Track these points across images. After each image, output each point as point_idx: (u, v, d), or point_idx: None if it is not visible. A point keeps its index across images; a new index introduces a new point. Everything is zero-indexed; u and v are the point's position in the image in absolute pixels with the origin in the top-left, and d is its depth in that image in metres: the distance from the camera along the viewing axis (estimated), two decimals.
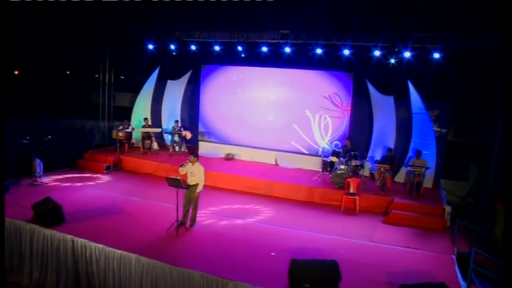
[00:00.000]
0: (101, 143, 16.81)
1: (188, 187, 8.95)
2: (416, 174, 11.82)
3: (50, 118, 17.42)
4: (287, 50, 13.90)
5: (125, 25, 15.22)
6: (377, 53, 12.86)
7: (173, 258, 7.62)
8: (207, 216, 10.07)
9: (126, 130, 15.21)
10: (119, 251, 7.75)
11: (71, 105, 19.41)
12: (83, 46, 16.87)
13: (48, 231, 8.49)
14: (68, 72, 21.97)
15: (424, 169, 11.88)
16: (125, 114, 16.71)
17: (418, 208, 10.84)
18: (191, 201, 9.13)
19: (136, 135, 15.86)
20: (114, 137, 14.85)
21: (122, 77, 18.05)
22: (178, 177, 8.66)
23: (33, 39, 16.26)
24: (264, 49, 14.22)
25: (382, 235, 9.55)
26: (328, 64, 13.91)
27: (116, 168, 14.21)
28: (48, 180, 12.25)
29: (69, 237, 8.25)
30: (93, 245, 8.00)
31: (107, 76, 17.06)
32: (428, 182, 12.53)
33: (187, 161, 9.11)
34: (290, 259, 7.09)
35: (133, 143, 15.90)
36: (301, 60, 14.45)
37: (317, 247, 8.65)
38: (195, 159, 9.16)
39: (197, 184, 9.06)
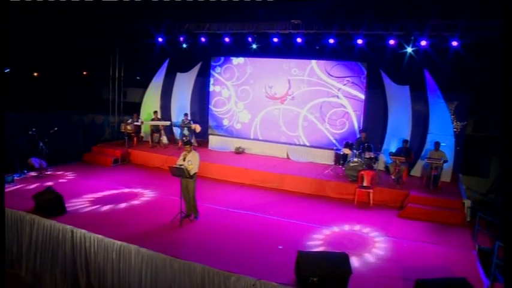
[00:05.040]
0: (111, 137, 16.64)
1: (191, 176, 8.63)
2: (434, 166, 11.24)
3: (61, 114, 17.31)
4: (298, 40, 13.43)
5: (133, 18, 14.99)
6: (392, 42, 12.33)
7: (175, 250, 7.30)
8: (213, 208, 9.75)
9: (135, 123, 14.97)
10: (119, 242, 7.46)
11: (85, 102, 19.30)
12: (94, 43, 16.70)
13: (48, 222, 8.26)
14: (84, 73, 21.71)
15: (442, 161, 11.32)
16: (135, 109, 16.50)
17: (436, 202, 10.28)
18: (189, 190, 8.81)
19: (145, 129, 15.63)
20: (123, 130, 14.63)
21: (137, 77, 17.99)
22: (182, 167, 8.41)
23: (44, 40, 16.08)
24: (275, 40, 13.77)
25: (397, 229, 9.07)
26: (341, 54, 13.41)
27: (123, 161, 13.98)
28: (54, 172, 12.10)
29: (68, 227, 8.00)
30: (93, 235, 7.73)
31: (116, 72, 16.95)
32: (446, 176, 11.93)
33: (184, 152, 8.89)
34: (297, 251, 6.67)
35: (142, 137, 15.68)
36: (313, 51, 13.90)
37: (328, 241, 8.21)
38: (190, 147, 8.94)
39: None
